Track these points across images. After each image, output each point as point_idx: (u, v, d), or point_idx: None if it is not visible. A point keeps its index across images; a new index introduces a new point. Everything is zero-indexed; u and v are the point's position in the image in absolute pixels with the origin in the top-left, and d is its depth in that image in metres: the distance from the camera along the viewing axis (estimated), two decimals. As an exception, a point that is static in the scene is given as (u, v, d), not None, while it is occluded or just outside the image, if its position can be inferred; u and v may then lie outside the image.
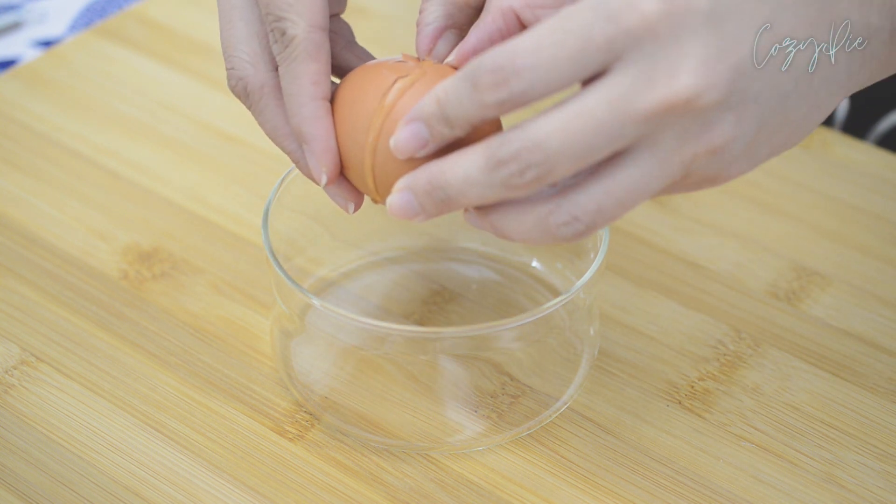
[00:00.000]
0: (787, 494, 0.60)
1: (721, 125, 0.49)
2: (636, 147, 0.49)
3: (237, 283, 0.69)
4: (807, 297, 0.69)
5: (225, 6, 0.58)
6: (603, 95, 0.48)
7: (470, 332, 0.62)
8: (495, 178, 0.50)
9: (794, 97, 0.51)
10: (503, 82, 0.49)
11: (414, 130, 0.52)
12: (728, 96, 0.49)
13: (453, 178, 0.51)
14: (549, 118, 0.49)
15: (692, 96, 0.48)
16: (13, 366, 0.65)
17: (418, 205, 0.52)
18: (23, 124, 0.79)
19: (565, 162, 0.49)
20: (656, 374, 0.65)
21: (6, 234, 0.72)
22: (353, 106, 0.56)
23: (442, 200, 0.52)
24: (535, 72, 0.48)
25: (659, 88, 0.48)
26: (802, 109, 0.51)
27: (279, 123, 0.57)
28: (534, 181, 0.49)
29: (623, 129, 0.48)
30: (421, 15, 0.57)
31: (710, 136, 0.49)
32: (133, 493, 0.59)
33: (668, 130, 0.49)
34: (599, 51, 0.48)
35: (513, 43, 0.49)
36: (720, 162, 0.50)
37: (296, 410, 0.63)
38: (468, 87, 0.50)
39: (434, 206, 0.52)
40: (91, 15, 0.92)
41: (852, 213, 0.74)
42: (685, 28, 0.48)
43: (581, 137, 0.48)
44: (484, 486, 0.60)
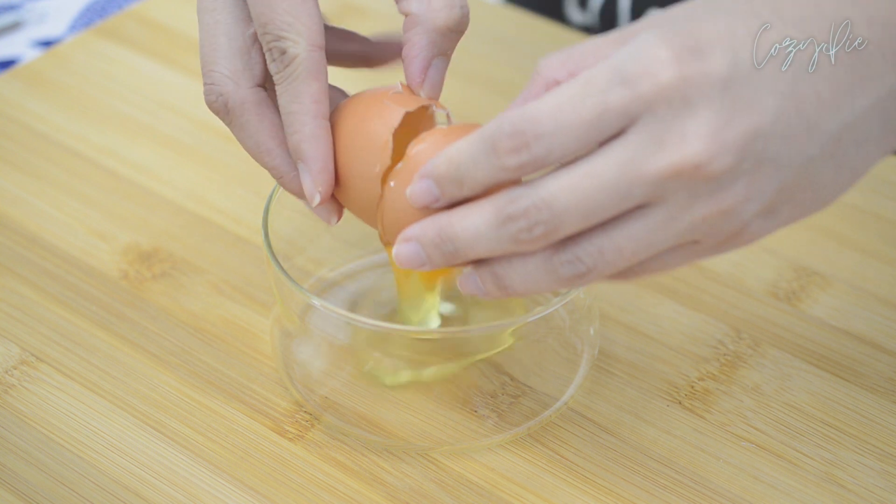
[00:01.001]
0: (787, 494, 0.60)
1: (732, 189, 0.49)
2: (645, 205, 0.50)
3: (237, 283, 0.69)
4: (807, 297, 0.69)
5: (208, 21, 0.58)
6: (613, 157, 0.49)
7: (470, 331, 0.62)
8: (503, 234, 0.51)
9: (819, 159, 0.50)
10: (523, 147, 0.49)
11: (424, 187, 0.53)
12: (740, 162, 0.49)
13: (462, 231, 0.51)
14: (560, 177, 0.49)
15: (701, 162, 0.48)
16: (13, 366, 0.65)
17: (426, 255, 0.53)
18: (23, 124, 0.79)
19: (573, 220, 0.49)
20: (656, 374, 0.65)
21: (6, 234, 0.72)
22: (357, 135, 0.56)
23: (450, 252, 0.52)
24: (555, 137, 0.49)
25: (668, 153, 0.48)
26: (829, 171, 0.51)
27: (262, 139, 0.57)
28: (541, 237, 0.50)
29: (630, 190, 0.49)
30: (406, 47, 0.57)
31: (719, 199, 0.49)
32: (133, 493, 0.59)
33: (677, 193, 0.49)
34: (617, 115, 0.49)
35: (532, 107, 0.49)
36: (734, 223, 0.50)
37: (296, 410, 0.63)
38: (486, 150, 0.50)
39: (441, 258, 0.53)
40: (91, 15, 0.92)
41: (852, 213, 0.74)
42: (699, 93, 0.48)
43: (589, 196, 0.49)
44: (484, 486, 0.60)
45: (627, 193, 0.49)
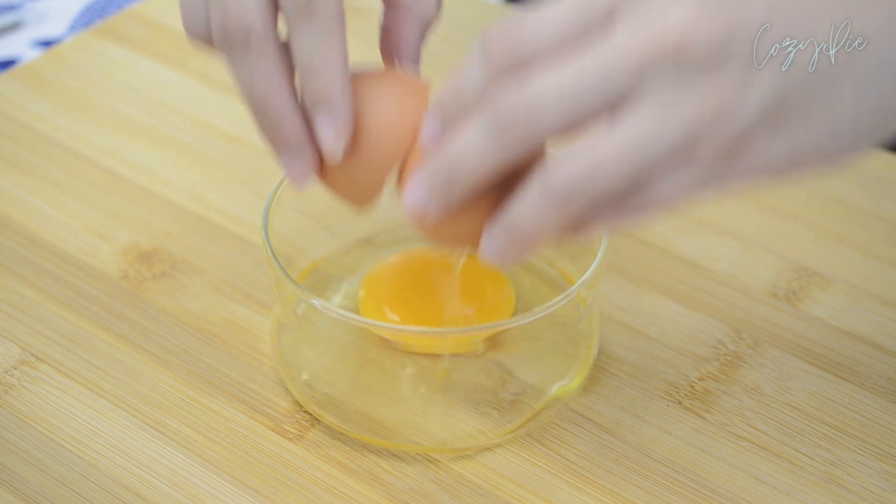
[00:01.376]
0: (787, 494, 0.60)
1: (723, 73, 0.46)
2: (631, 99, 0.47)
3: (237, 283, 0.69)
4: (807, 297, 0.69)
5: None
6: (593, 48, 0.47)
7: (470, 331, 0.62)
8: (490, 139, 0.49)
9: (834, 70, 0.46)
10: (512, 45, 0.49)
11: (429, 116, 0.52)
12: (727, 44, 0.46)
13: (455, 149, 0.50)
14: (544, 75, 0.48)
15: (684, 35, 0.46)
16: (13, 366, 0.65)
17: (427, 191, 0.51)
18: (23, 124, 0.79)
19: (554, 113, 0.47)
20: (656, 374, 0.65)
21: (6, 234, 0.72)
22: (381, 108, 0.55)
23: (447, 179, 0.50)
24: (539, 31, 0.49)
25: (648, 29, 0.46)
26: (848, 93, 0.47)
27: (280, 78, 0.55)
28: (525, 135, 0.48)
29: (612, 75, 0.47)
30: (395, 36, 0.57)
31: (710, 86, 0.46)
32: (133, 493, 0.59)
33: (662, 80, 0.46)
34: (598, 7, 0.48)
35: (519, 16, 0.49)
36: (732, 126, 0.47)
37: (296, 410, 0.63)
38: (479, 57, 0.50)
39: (440, 189, 0.51)
40: (91, 15, 0.92)
41: (852, 213, 0.74)
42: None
43: (569, 85, 0.47)
44: (484, 486, 0.60)
45: (609, 78, 0.47)
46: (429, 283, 0.65)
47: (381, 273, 0.65)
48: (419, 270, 0.66)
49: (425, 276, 0.65)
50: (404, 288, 0.65)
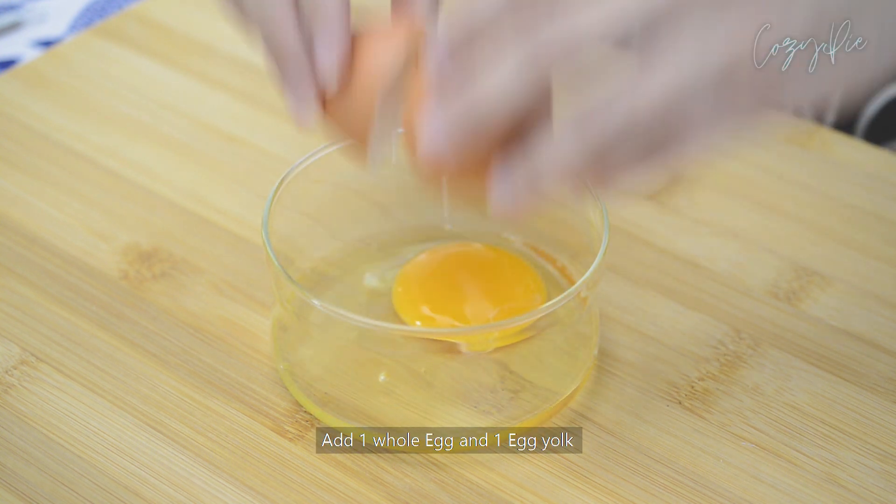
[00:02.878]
0: (787, 494, 0.60)
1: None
2: (666, 34, 0.45)
3: (237, 283, 0.69)
4: (807, 297, 0.69)
5: None
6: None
7: (471, 330, 0.62)
8: (524, 72, 0.46)
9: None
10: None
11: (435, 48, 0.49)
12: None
13: (481, 82, 0.47)
14: (585, 10, 0.45)
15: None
16: (13, 366, 0.65)
17: (447, 127, 0.47)
18: (23, 124, 0.79)
19: (597, 47, 0.45)
20: (656, 374, 0.65)
21: (6, 234, 0.72)
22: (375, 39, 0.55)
23: (472, 113, 0.47)
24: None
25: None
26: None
27: (287, 8, 0.55)
28: (563, 70, 0.45)
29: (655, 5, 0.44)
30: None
31: (747, 13, 0.44)
32: (133, 493, 0.59)
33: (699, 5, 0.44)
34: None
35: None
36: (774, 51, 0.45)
37: (296, 410, 0.63)
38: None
39: (465, 124, 0.47)
40: (91, 15, 0.92)
41: (852, 213, 0.74)
42: None
43: (617, 17, 0.44)
44: (484, 485, 0.60)
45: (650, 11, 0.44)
46: (463, 281, 0.65)
47: (416, 269, 0.65)
48: (454, 268, 0.66)
49: (460, 273, 0.65)
50: (440, 285, 0.65)
